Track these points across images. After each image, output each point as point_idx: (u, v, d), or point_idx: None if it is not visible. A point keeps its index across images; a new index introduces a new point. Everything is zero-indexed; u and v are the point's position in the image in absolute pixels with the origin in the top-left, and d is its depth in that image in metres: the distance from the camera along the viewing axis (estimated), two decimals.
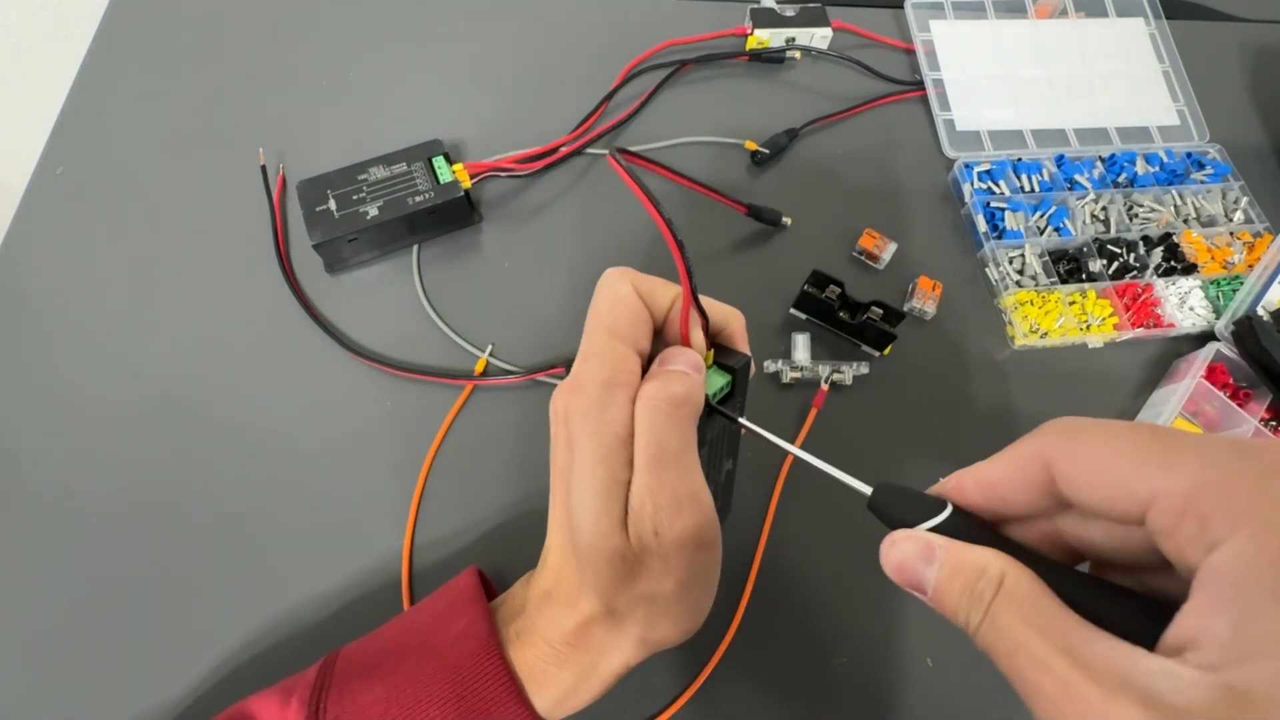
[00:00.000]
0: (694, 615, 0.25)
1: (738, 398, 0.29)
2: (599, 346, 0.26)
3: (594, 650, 0.25)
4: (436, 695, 0.25)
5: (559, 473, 0.25)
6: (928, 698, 0.36)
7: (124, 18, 0.52)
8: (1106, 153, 0.51)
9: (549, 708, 0.25)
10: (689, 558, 0.23)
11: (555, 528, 0.26)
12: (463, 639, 0.26)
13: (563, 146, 0.48)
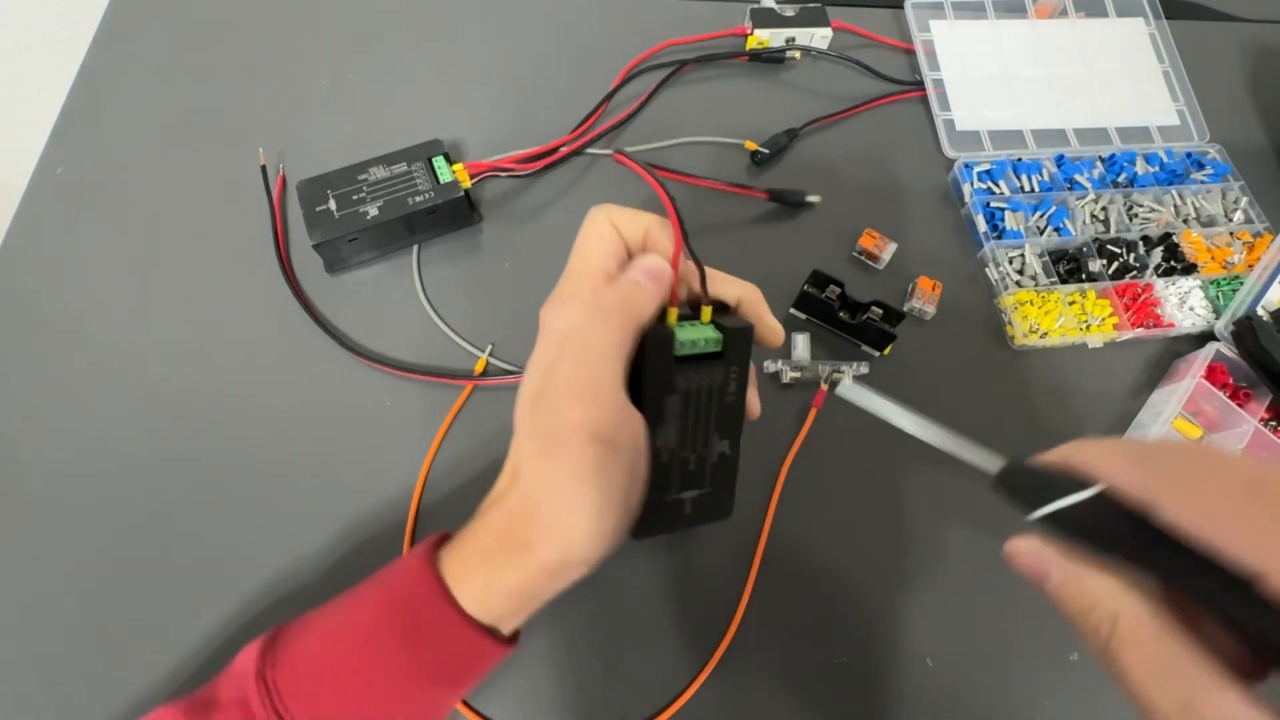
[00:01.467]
0: (594, 521, 0.25)
1: (733, 367, 0.28)
2: (572, 270, 0.29)
3: (512, 541, 0.26)
4: (374, 599, 0.27)
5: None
6: (928, 698, 0.36)
7: (124, 17, 0.52)
8: (1106, 153, 0.51)
9: (476, 601, 0.26)
10: (579, 447, 0.24)
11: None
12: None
13: (563, 146, 0.48)
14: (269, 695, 0.25)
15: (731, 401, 0.29)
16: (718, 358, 0.28)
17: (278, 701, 0.25)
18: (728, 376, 0.29)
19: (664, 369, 0.27)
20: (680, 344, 0.27)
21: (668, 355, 0.27)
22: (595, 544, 0.26)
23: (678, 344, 0.27)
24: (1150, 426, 0.41)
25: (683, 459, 0.29)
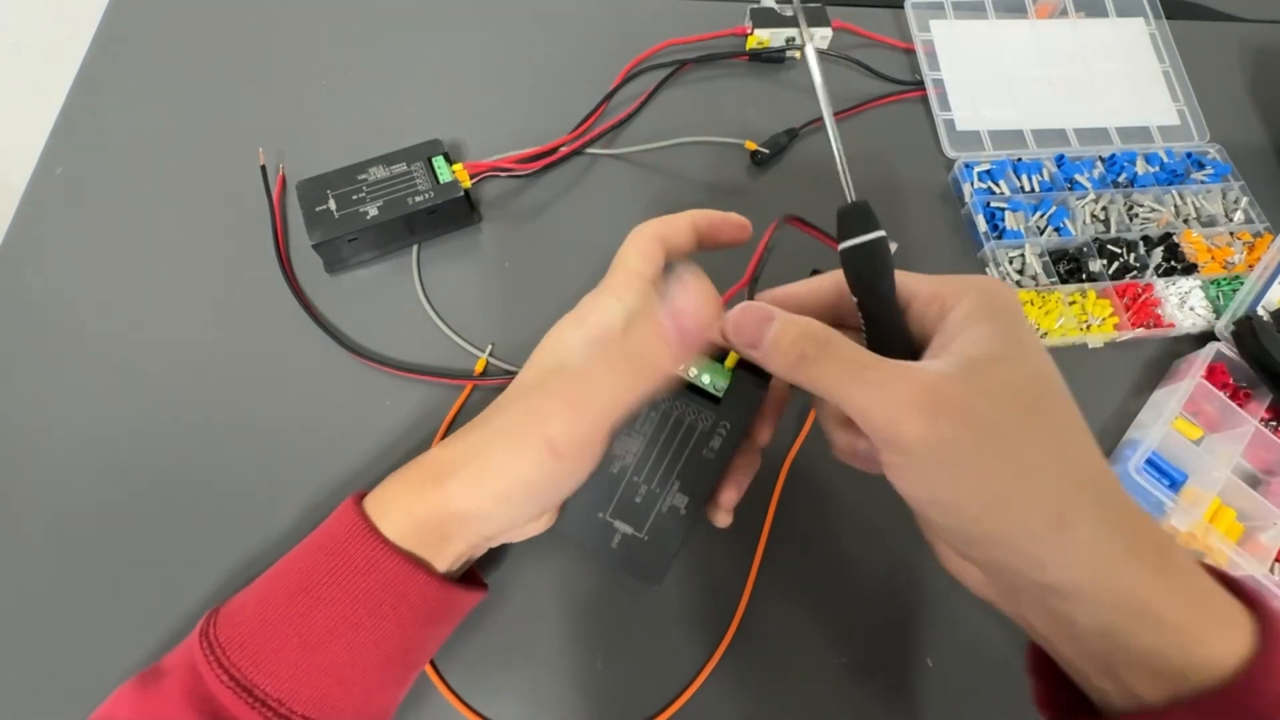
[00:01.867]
0: (504, 503, 0.27)
1: (724, 422, 0.28)
2: (612, 267, 0.30)
3: (433, 474, 0.27)
4: (304, 547, 0.28)
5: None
6: (928, 698, 0.36)
7: (124, 17, 0.52)
8: (1106, 153, 0.51)
9: (396, 531, 0.27)
10: (531, 445, 0.26)
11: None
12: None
13: (563, 146, 0.48)
14: (211, 650, 0.25)
15: (709, 459, 0.28)
16: (715, 402, 0.28)
17: (221, 655, 0.25)
18: (714, 428, 0.28)
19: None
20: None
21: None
22: (496, 522, 0.28)
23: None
24: (1150, 426, 0.40)
25: (631, 483, 0.28)
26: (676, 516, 0.29)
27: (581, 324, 0.28)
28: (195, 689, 0.25)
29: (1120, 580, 0.21)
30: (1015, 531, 0.21)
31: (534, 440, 0.26)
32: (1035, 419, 0.22)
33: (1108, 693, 0.23)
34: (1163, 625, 0.21)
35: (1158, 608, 0.21)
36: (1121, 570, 0.21)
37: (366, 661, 0.27)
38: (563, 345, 0.28)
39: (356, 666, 0.26)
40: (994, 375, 0.22)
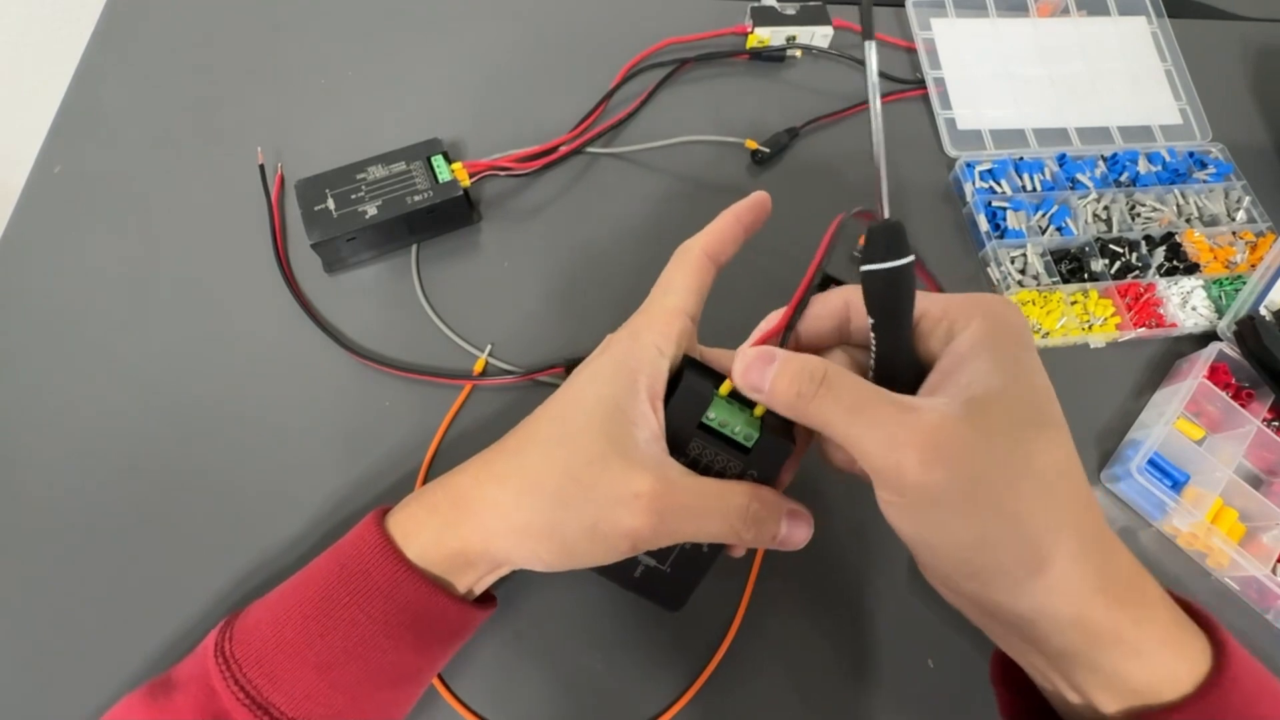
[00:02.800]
0: (521, 536, 0.27)
1: (751, 471, 0.27)
2: (648, 301, 0.30)
3: (462, 504, 0.27)
4: (325, 563, 0.28)
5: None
6: (928, 698, 0.36)
7: (123, 16, 0.52)
8: (1108, 152, 0.51)
9: (421, 554, 0.27)
10: (550, 476, 0.26)
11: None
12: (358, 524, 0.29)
13: (562, 145, 0.47)
14: (228, 666, 0.25)
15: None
16: (742, 451, 0.27)
17: (237, 671, 0.25)
18: (742, 475, 0.28)
19: (683, 419, 0.27)
20: (709, 415, 0.27)
21: (693, 412, 0.27)
22: (528, 565, 0.27)
23: (709, 414, 0.27)
24: (1153, 426, 0.40)
25: None
26: (699, 551, 0.29)
27: (636, 389, 0.27)
28: (209, 705, 0.25)
29: (1090, 612, 0.22)
30: (996, 573, 0.23)
31: (617, 533, 0.25)
32: (1029, 460, 0.22)
33: (1073, 704, 0.24)
34: (1126, 650, 0.22)
35: (1123, 635, 0.22)
36: (1091, 602, 0.22)
37: (381, 681, 0.27)
38: (589, 376, 0.28)
39: (371, 685, 0.26)
40: (992, 416, 0.22)
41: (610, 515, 0.25)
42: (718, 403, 0.27)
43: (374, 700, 0.27)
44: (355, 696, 0.26)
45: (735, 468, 0.28)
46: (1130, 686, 0.23)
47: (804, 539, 0.28)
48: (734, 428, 0.27)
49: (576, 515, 0.26)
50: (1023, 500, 0.22)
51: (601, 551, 0.26)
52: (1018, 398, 0.23)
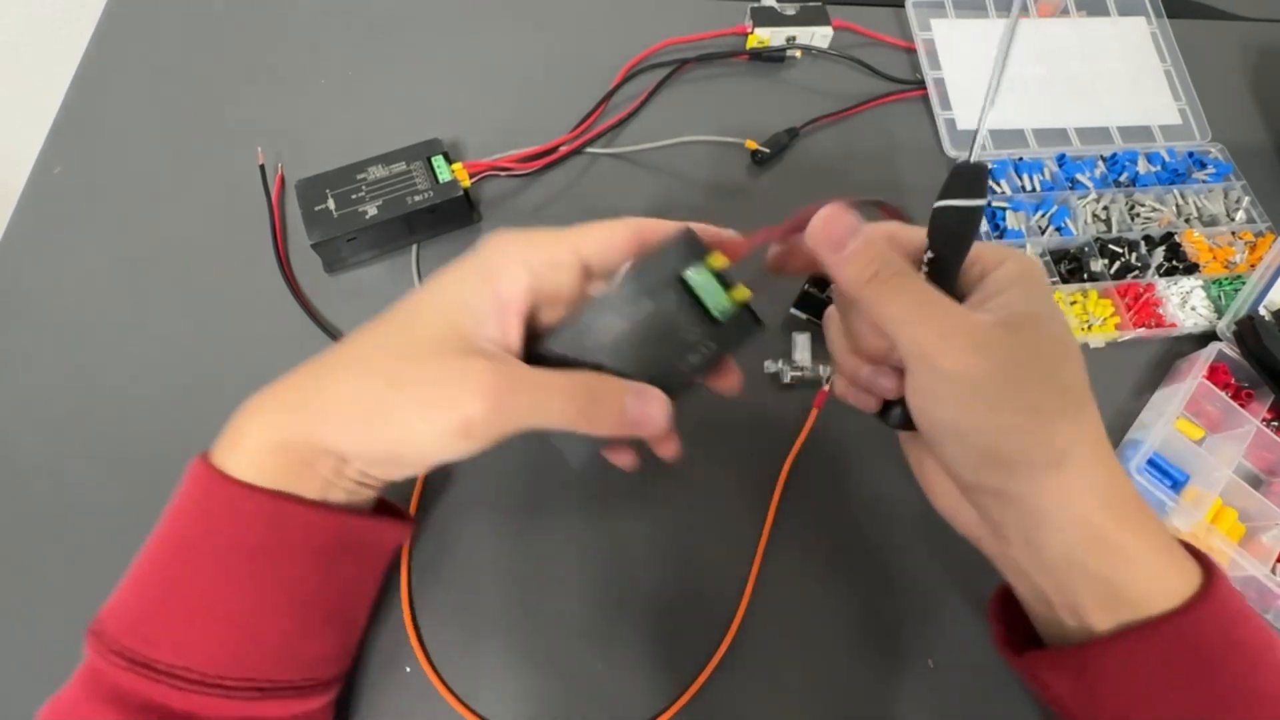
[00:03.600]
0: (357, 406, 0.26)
1: (710, 342, 0.27)
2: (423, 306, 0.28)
3: (290, 397, 0.27)
4: (165, 517, 0.27)
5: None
6: (928, 698, 0.36)
7: (123, 17, 0.52)
8: (1108, 152, 0.51)
9: (256, 466, 0.26)
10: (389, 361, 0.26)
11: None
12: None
13: (562, 145, 0.47)
14: (100, 642, 0.25)
15: (681, 371, 0.28)
16: (711, 322, 0.27)
17: (112, 643, 0.25)
18: (699, 344, 0.27)
19: (660, 273, 0.26)
20: (690, 277, 0.26)
21: (671, 262, 0.26)
22: (373, 468, 0.27)
23: (690, 273, 0.26)
24: (1152, 426, 0.40)
25: (597, 364, 0.27)
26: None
27: (489, 290, 0.26)
28: (97, 687, 0.25)
29: (1095, 515, 0.25)
30: (1019, 461, 0.25)
31: (449, 417, 0.24)
32: (1057, 375, 0.25)
33: (1065, 625, 0.26)
34: (1122, 558, 0.25)
35: (1123, 543, 0.25)
36: (1097, 506, 0.25)
37: (271, 608, 0.26)
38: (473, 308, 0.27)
39: (261, 614, 0.26)
40: (1030, 331, 0.25)
41: (443, 396, 0.24)
42: (704, 269, 0.27)
43: (273, 627, 0.26)
44: (247, 627, 0.25)
45: (696, 333, 0.27)
46: (1125, 596, 0.25)
47: (660, 416, 0.27)
48: (709, 291, 0.27)
49: (407, 395, 0.25)
50: (1049, 401, 0.25)
51: (433, 437, 0.25)
52: (1048, 324, 0.26)
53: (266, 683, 0.26)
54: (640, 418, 0.27)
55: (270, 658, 0.26)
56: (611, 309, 0.27)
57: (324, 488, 0.27)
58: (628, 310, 0.27)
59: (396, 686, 0.34)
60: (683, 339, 0.27)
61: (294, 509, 0.26)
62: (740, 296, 0.27)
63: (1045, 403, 0.25)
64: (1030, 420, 0.24)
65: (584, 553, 0.37)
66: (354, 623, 0.30)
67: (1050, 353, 0.25)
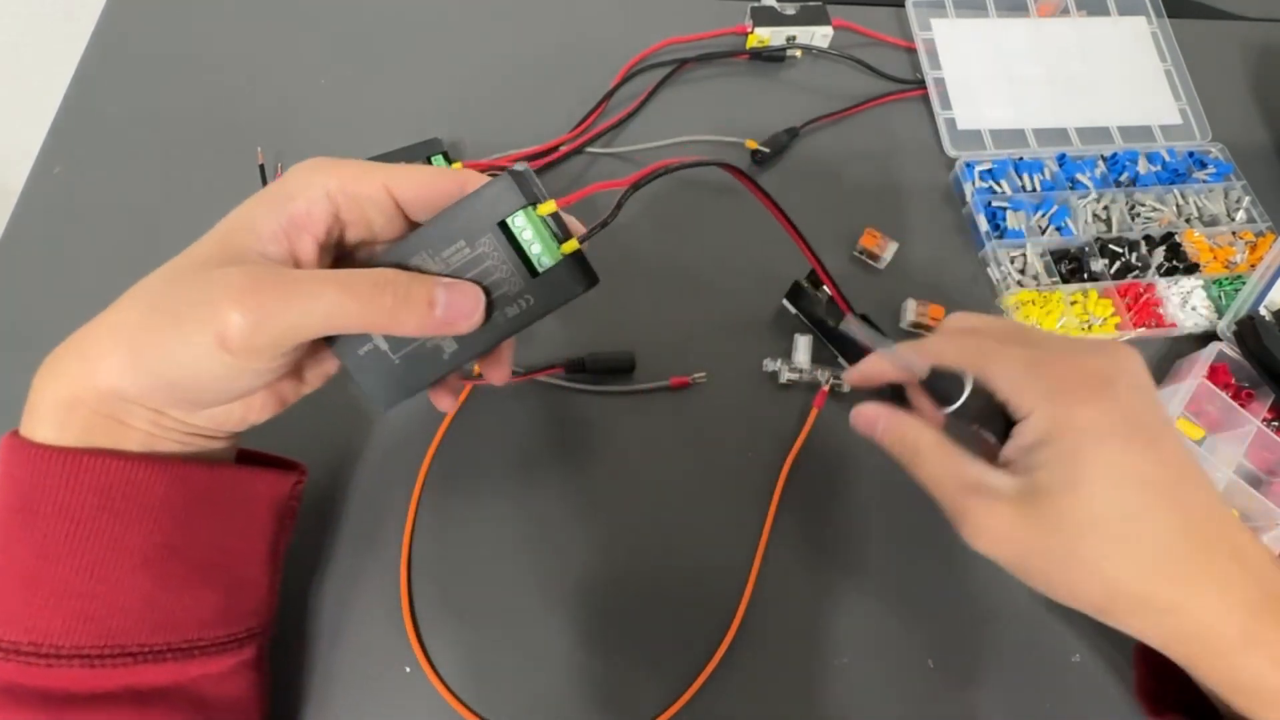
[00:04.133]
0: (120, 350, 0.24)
1: (529, 296, 0.25)
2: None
3: (76, 346, 0.25)
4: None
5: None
6: (928, 698, 0.36)
7: (122, 17, 0.52)
8: (1108, 152, 0.51)
9: (57, 426, 0.24)
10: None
11: None
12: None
13: (562, 145, 0.47)
14: None
15: (496, 322, 0.25)
16: (530, 273, 0.25)
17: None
18: (517, 297, 0.25)
19: (481, 208, 0.24)
20: (513, 222, 0.24)
21: (494, 204, 0.24)
22: (168, 406, 0.25)
23: (514, 217, 0.24)
24: None
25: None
26: (437, 358, 0.26)
27: (280, 209, 0.25)
28: None
29: (1238, 647, 0.24)
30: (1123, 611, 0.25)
31: (203, 330, 0.22)
32: (1072, 552, 0.25)
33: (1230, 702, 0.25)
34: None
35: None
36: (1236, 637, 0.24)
37: (115, 570, 0.24)
38: (254, 218, 0.26)
39: (106, 578, 0.24)
40: (1050, 508, 0.25)
41: (195, 311, 0.23)
42: (530, 215, 0.24)
43: (127, 591, 0.24)
44: (89, 597, 0.24)
45: (515, 285, 0.25)
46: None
47: (473, 310, 0.25)
48: (534, 246, 0.25)
49: (164, 318, 0.23)
50: (1079, 584, 0.25)
51: (194, 357, 0.23)
52: (1075, 492, 0.25)
53: (136, 647, 0.25)
54: (454, 308, 0.24)
55: (134, 621, 0.25)
56: (424, 249, 0.25)
57: (147, 440, 0.25)
58: (441, 253, 0.25)
59: (396, 686, 0.34)
60: (500, 291, 0.25)
61: (110, 464, 0.24)
62: (569, 248, 0.25)
63: (1078, 587, 0.25)
64: (1097, 595, 0.25)
65: (583, 553, 0.37)
66: (242, 579, 0.28)
67: (1073, 533, 0.24)
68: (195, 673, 0.26)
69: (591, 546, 0.38)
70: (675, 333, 0.43)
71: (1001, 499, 0.26)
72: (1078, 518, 0.24)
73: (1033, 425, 0.26)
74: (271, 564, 0.30)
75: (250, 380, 0.25)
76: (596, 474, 0.39)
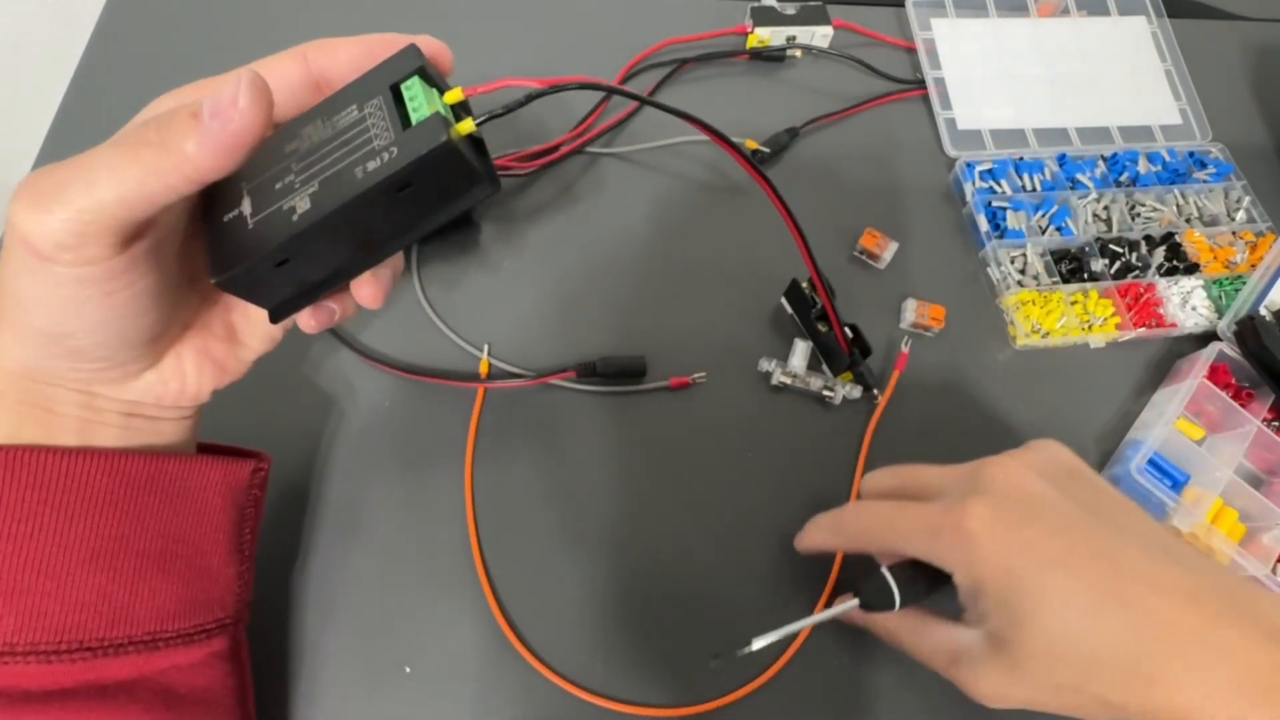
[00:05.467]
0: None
1: (399, 147, 0.21)
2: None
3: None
4: None
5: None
6: (928, 698, 0.36)
7: (122, 17, 0.52)
8: (1108, 152, 0.51)
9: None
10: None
11: None
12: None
13: (562, 145, 0.47)
14: None
15: (355, 178, 0.21)
16: (404, 125, 0.22)
17: None
18: (384, 149, 0.21)
19: (385, 72, 0.23)
20: (405, 86, 0.22)
21: (396, 68, 0.23)
22: (71, 371, 0.24)
23: (408, 84, 0.22)
24: (1153, 426, 0.40)
25: (285, 165, 0.22)
26: (288, 221, 0.22)
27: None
28: None
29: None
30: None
31: (14, 248, 0.21)
32: (1055, 676, 0.26)
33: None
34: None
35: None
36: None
37: (64, 564, 0.24)
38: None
39: (53, 573, 0.24)
40: (1009, 648, 0.26)
41: (11, 232, 0.20)
42: (426, 88, 0.23)
43: (80, 585, 0.24)
44: (37, 592, 0.23)
45: (384, 136, 0.21)
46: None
47: (234, 91, 0.20)
48: (414, 95, 0.22)
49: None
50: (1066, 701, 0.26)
51: (32, 286, 0.21)
52: (1020, 638, 0.26)
53: (95, 642, 0.24)
54: (218, 107, 0.20)
55: (89, 616, 0.24)
56: (319, 117, 0.23)
57: (82, 428, 0.25)
58: (332, 119, 0.23)
59: (397, 687, 0.34)
60: (366, 143, 0.22)
61: (45, 458, 0.23)
62: (452, 99, 0.23)
63: (1086, 710, 0.25)
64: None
65: (585, 552, 0.37)
66: (203, 569, 0.28)
67: (1047, 671, 0.25)
68: (162, 664, 0.26)
69: (592, 547, 0.38)
70: (675, 332, 0.43)
71: (979, 660, 0.27)
72: (1042, 656, 0.25)
73: (961, 584, 0.27)
74: (236, 554, 0.30)
75: (109, 300, 0.22)
76: (596, 475, 0.39)
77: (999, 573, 0.26)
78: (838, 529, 0.33)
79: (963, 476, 0.29)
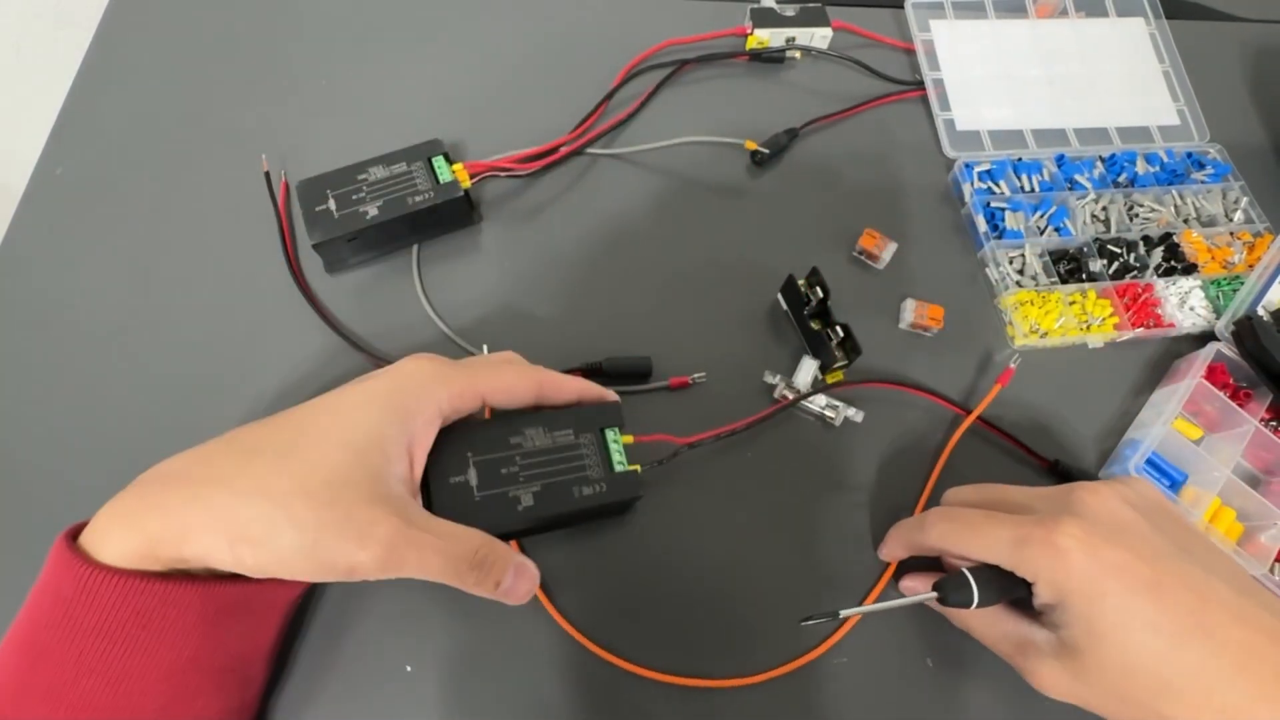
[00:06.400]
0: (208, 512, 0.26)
1: (606, 484, 0.32)
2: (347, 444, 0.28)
3: (169, 499, 0.27)
4: (28, 601, 0.27)
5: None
6: (928, 698, 0.36)
7: (124, 17, 0.52)
8: (1107, 153, 0.51)
9: (126, 554, 0.25)
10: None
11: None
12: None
13: (563, 146, 0.48)
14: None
15: (571, 496, 0.31)
16: (609, 468, 0.32)
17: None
18: (595, 482, 0.31)
19: (598, 415, 0.33)
20: (608, 433, 0.32)
21: (606, 417, 0.33)
22: (219, 553, 0.25)
23: (610, 430, 0.33)
24: (1151, 426, 0.40)
25: (510, 455, 0.31)
26: (513, 507, 0.30)
27: (403, 428, 0.28)
28: None
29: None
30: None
31: (339, 562, 0.25)
32: (1127, 695, 0.28)
33: None
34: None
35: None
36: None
37: (140, 681, 0.25)
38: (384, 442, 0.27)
39: (130, 692, 0.25)
40: (1085, 660, 0.28)
41: (340, 545, 0.25)
42: (617, 434, 0.33)
43: (146, 701, 0.25)
44: (111, 708, 0.25)
45: (597, 472, 0.32)
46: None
47: (527, 593, 0.28)
48: (616, 455, 0.32)
49: (300, 533, 0.25)
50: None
51: (313, 569, 0.25)
52: (1101, 646, 0.27)
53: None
54: (514, 591, 0.28)
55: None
56: (541, 424, 0.32)
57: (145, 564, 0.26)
58: (553, 431, 0.32)
59: (397, 686, 0.34)
60: (584, 473, 0.31)
61: (153, 587, 0.25)
62: (634, 467, 0.33)
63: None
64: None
65: (583, 554, 0.38)
66: (248, 679, 0.30)
67: (1117, 683, 0.27)
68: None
69: (592, 546, 0.38)
70: (675, 332, 0.43)
71: (1046, 655, 0.29)
72: (1114, 669, 0.27)
73: (1041, 593, 0.28)
74: (272, 660, 0.32)
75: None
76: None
77: (1085, 588, 0.27)
78: (922, 528, 0.34)
79: (1053, 497, 0.31)
